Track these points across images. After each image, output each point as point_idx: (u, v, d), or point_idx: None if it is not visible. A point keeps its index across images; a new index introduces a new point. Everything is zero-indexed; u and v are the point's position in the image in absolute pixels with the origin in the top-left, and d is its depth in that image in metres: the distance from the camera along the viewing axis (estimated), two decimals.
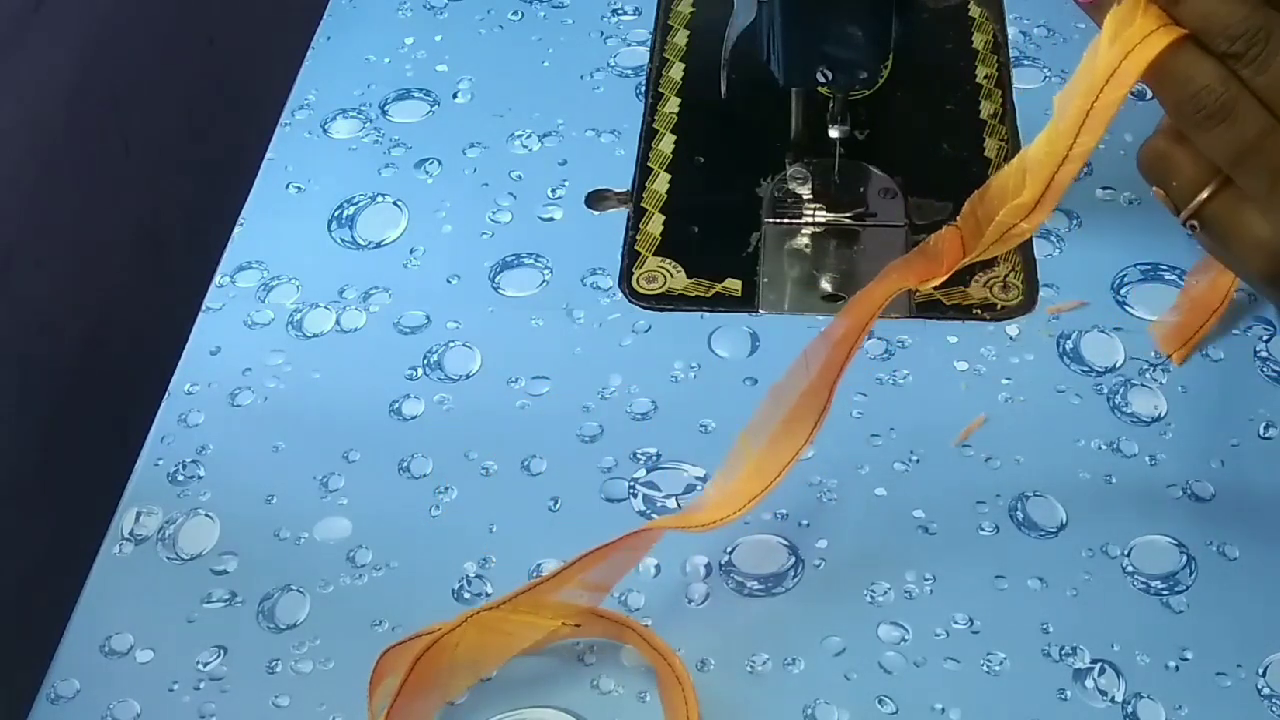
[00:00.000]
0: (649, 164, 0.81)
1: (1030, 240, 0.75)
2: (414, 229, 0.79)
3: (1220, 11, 0.44)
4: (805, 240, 0.77)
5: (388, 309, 0.75)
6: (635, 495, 0.66)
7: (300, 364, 0.73)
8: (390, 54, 0.90)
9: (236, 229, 0.80)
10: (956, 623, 0.61)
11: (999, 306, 0.73)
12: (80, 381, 0.88)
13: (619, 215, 0.79)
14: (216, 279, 0.77)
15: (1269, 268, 0.46)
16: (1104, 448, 0.66)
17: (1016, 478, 0.65)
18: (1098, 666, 0.59)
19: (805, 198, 0.79)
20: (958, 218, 0.52)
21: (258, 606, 0.63)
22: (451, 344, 0.73)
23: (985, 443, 0.67)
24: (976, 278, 0.74)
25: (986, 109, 0.83)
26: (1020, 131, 0.81)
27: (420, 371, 0.72)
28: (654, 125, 0.84)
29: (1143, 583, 0.62)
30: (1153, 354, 0.70)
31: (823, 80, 0.71)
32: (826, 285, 0.75)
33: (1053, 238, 0.75)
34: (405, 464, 0.68)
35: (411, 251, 0.78)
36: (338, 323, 0.74)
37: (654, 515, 0.65)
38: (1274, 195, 0.45)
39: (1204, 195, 0.47)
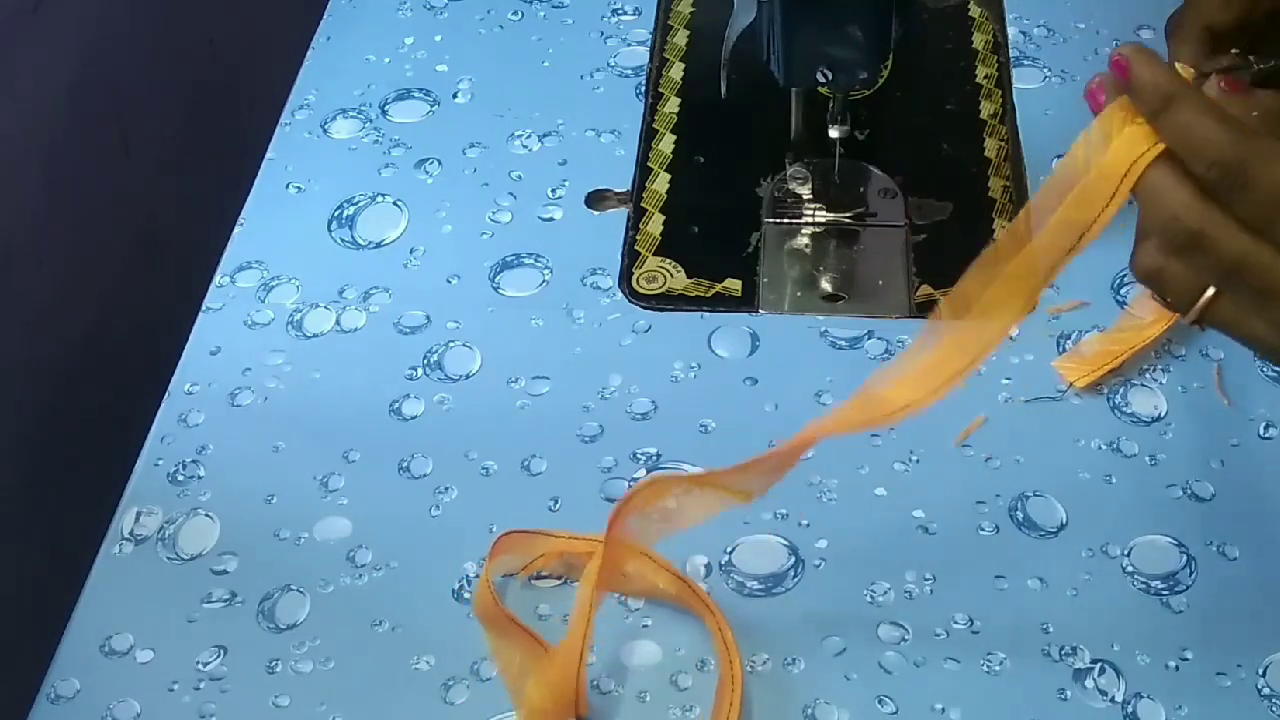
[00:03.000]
0: (649, 164, 0.81)
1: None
2: (414, 229, 0.79)
3: (1199, 134, 0.44)
4: (805, 240, 0.77)
5: (388, 309, 0.75)
6: None
7: (300, 364, 0.73)
8: (390, 54, 0.90)
9: (236, 229, 0.80)
10: (956, 623, 0.61)
11: None
12: (80, 381, 0.88)
13: (619, 215, 0.79)
14: (216, 279, 0.77)
15: (1278, 360, 0.47)
16: (1104, 448, 0.66)
17: (1016, 478, 0.66)
18: (1098, 666, 0.59)
19: (805, 198, 0.79)
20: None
21: (258, 606, 0.63)
22: (451, 344, 0.73)
23: (985, 443, 0.67)
24: None
25: (986, 109, 0.83)
26: (1020, 132, 0.81)
27: (420, 371, 0.72)
28: (654, 125, 0.84)
29: (1143, 583, 0.62)
30: (1153, 353, 0.70)
31: (823, 80, 0.71)
32: (826, 285, 0.75)
33: None
34: (405, 464, 0.68)
35: (411, 251, 0.78)
36: (338, 323, 0.74)
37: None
38: (1267, 308, 0.45)
39: (1203, 302, 0.46)
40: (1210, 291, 0.46)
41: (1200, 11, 0.53)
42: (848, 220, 0.78)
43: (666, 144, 0.83)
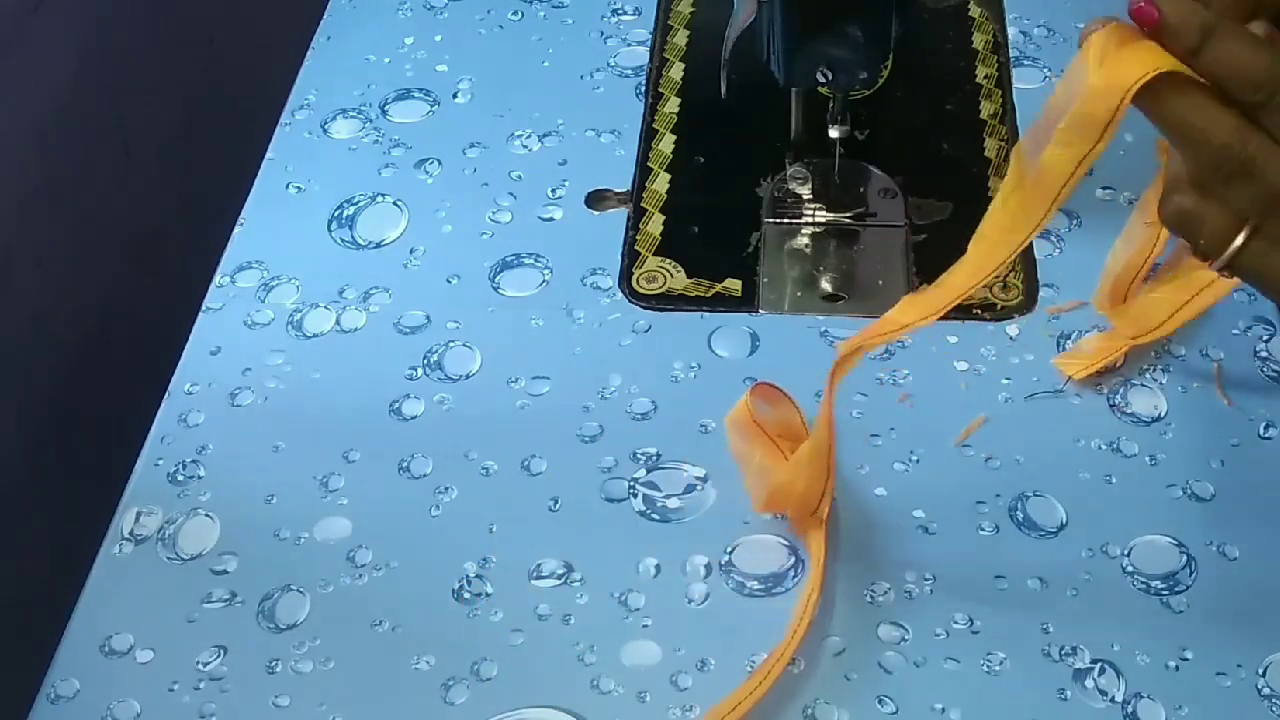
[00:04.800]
0: (649, 164, 0.81)
1: (1030, 240, 0.75)
2: (414, 229, 0.79)
3: (1243, 62, 0.44)
4: (805, 240, 0.77)
5: (388, 309, 0.75)
6: (635, 495, 0.66)
7: (300, 364, 0.73)
8: (390, 54, 0.90)
9: (236, 229, 0.80)
10: (956, 623, 0.61)
11: (999, 306, 0.73)
12: (80, 381, 0.88)
13: (619, 215, 0.79)
14: (216, 279, 0.77)
15: None
16: (1104, 448, 0.66)
17: (1016, 478, 0.66)
18: (1098, 666, 0.59)
19: (805, 198, 0.79)
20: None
21: (258, 606, 0.63)
22: (451, 344, 0.73)
23: (985, 443, 0.67)
24: None
25: (986, 109, 0.83)
26: (1020, 132, 0.81)
27: (420, 371, 0.72)
28: (654, 125, 0.84)
29: (1143, 583, 0.62)
30: (1153, 353, 0.70)
31: (823, 80, 0.71)
32: (826, 285, 0.75)
33: (1053, 238, 0.75)
34: (405, 464, 0.68)
35: (411, 251, 0.78)
36: (338, 323, 0.74)
37: (654, 515, 0.65)
38: None
39: (1235, 245, 0.46)
40: (1243, 236, 0.46)
41: None
42: (848, 220, 0.78)
43: (666, 144, 0.83)
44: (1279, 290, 0.47)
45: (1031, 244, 0.74)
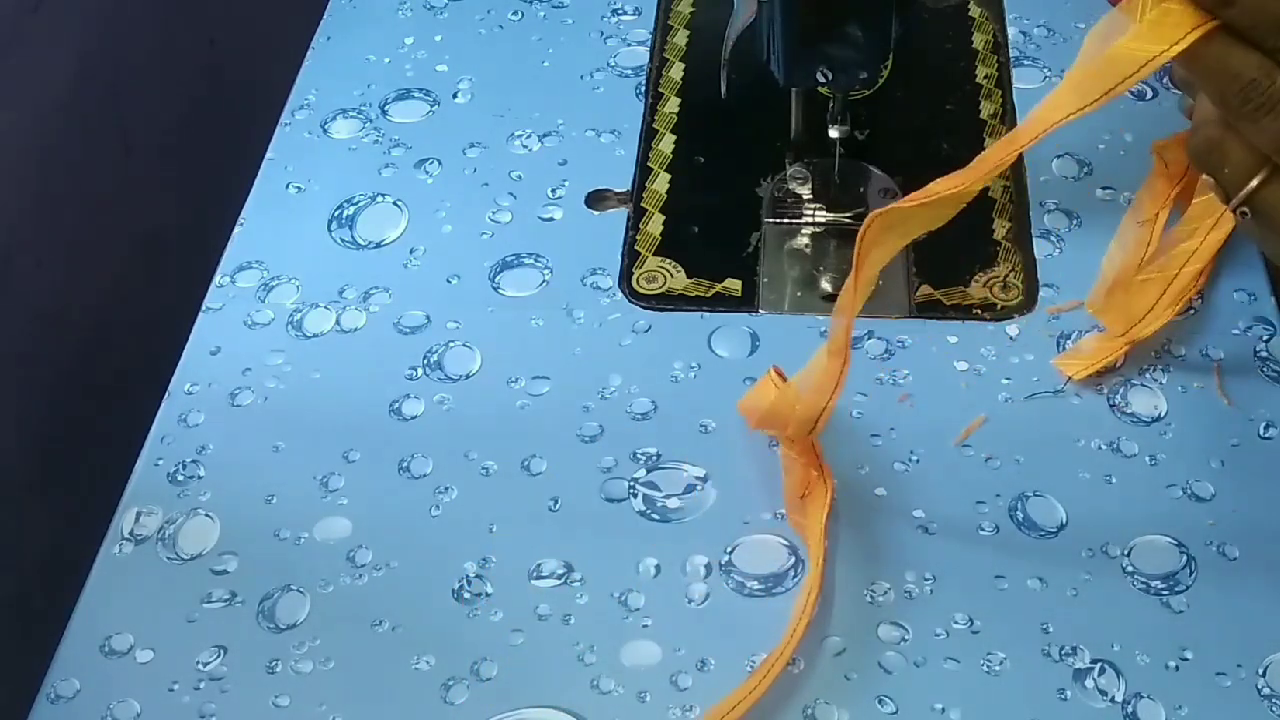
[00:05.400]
0: (649, 164, 0.81)
1: (1030, 240, 0.75)
2: (414, 229, 0.79)
3: (1272, 8, 0.45)
4: (805, 240, 0.77)
5: (388, 309, 0.75)
6: (635, 495, 0.66)
7: (300, 364, 0.73)
8: (390, 54, 0.90)
9: (236, 229, 0.80)
10: (956, 623, 0.61)
11: (999, 306, 0.73)
12: (80, 381, 0.88)
13: (619, 215, 0.79)
14: (216, 279, 0.77)
15: None
16: (1104, 448, 0.66)
17: (1016, 478, 0.66)
18: (1098, 666, 0.59)
19: (805, 198, 0.79)
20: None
21: (258, 606, 0.63)
22: (451, 344, 0.73)
23: (985, 443, 0.67)
24: (976, 278, 0.74)
25: (986, 109, 0.83)
26: None
27: (420, 371, 0.72)
28: (654, 125, 0.84)
29: (1143, 583, 0.62)
30: (1153, 353, 0.70)
31: (823, 80, 0.71)
32: (826, 285, 0.75)
33: (1052, 238, 0.75)
34: (405, 464, 0.68)
35: (411, 251, 0.78)
36: (338, 323, 0.74)
37: (654, 515, 0.65)
38: None
39: (1255, 183, 0.48)
40: (1264, 173, 0.47)
41: None
42: (848, 220, 0.78)
43: (666, 144, 0.83)
44: None
45: (1032, 244, 0.75)
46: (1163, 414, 0.68)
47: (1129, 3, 0.47)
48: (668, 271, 0.76)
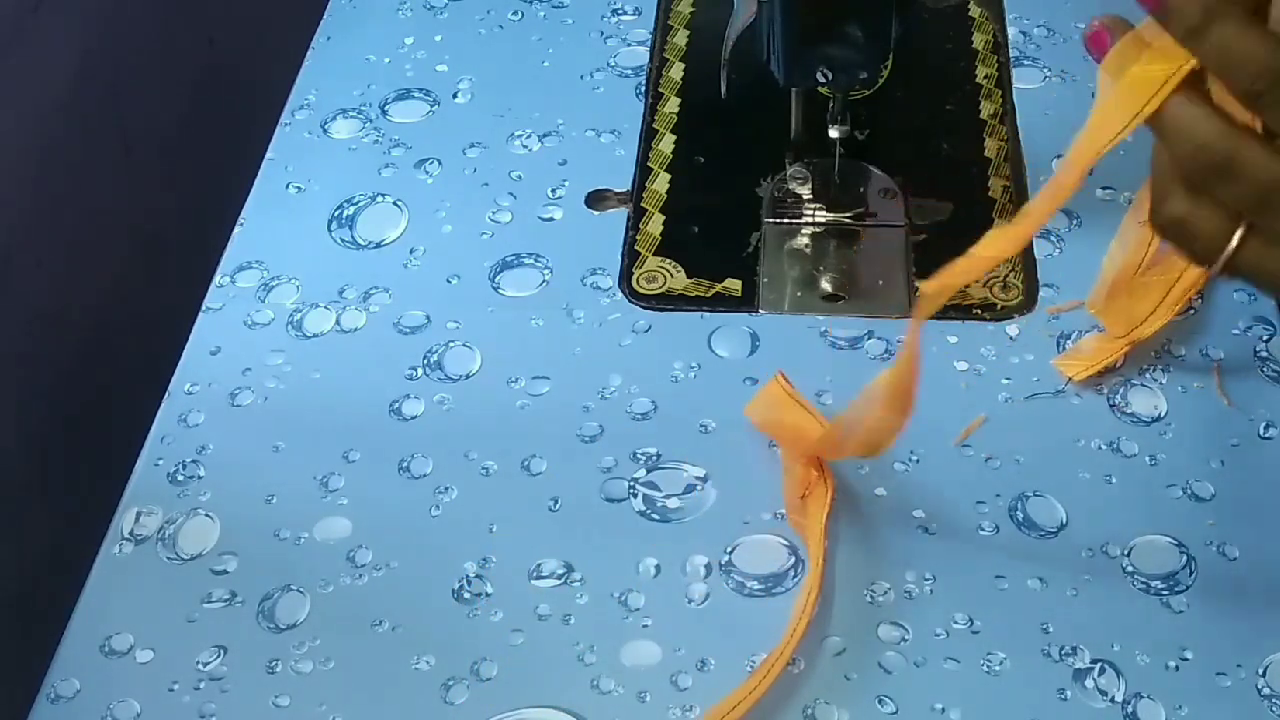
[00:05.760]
0: (649, 164, 0.81)
1: (1030, 240, 0.75)
2: (414, 229, 0.79)
3: (1244, 48, 0.43)
4: (805, 240, 0.77)
5: (388, 309, 0.75)
6: (635, 495, 0.66)
7: (300, 364, 0.73)
8: (390, 54, 0.90)
9: (236, 229, 0.80)
10: (956, 623, 0.61)
11: (999, 306, 0.73)
12: (80, 381, 0.88)
13: (619, 215, 0.79)
14: (216, 279, 0.77)
15: None
16: (1104, 448, 0.66)
17: (1016, 478, 0.66)
18: (1098, 666, 0.59)
19: (805, 198, 0.79)
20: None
21: (258, 606, 0.63)
22: (451, 344, 0.73)
23: (985, 443, 0.67)
24: (976, 278, 0.74)
25: (986, 109, 0.83)
26: (1020, 131, 0.81)
27: (420, 371, 0.72)
28: (654, 125, 0.84)
29: (1143, 583, 0.62)
30: (1153, 353, 0.70)
31: (823, 80, 0.71)
32: (826, 285, 0.75)
33: (1053, 238, 0.75)
34: (405, 464, 0.68)
35: (411, 251, 0.78)
36: (338, 323, 0.74)
37: (654, 515, 0.65)
38: None
39: (1231, 246, 0.46)
40: (1238, 236, 0.45)
41: None
42: (848, 220, 0.78)
43: (666, 144, 0.83)
44: (1278, 290, 0.47)
45: (1032, 244, 0.75)
46: (1163, 414, 0.68)
47: (1113, 57, 0.46)
48: (668, 271, 0.76)
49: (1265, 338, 0.70)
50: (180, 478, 0.68)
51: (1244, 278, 0.47)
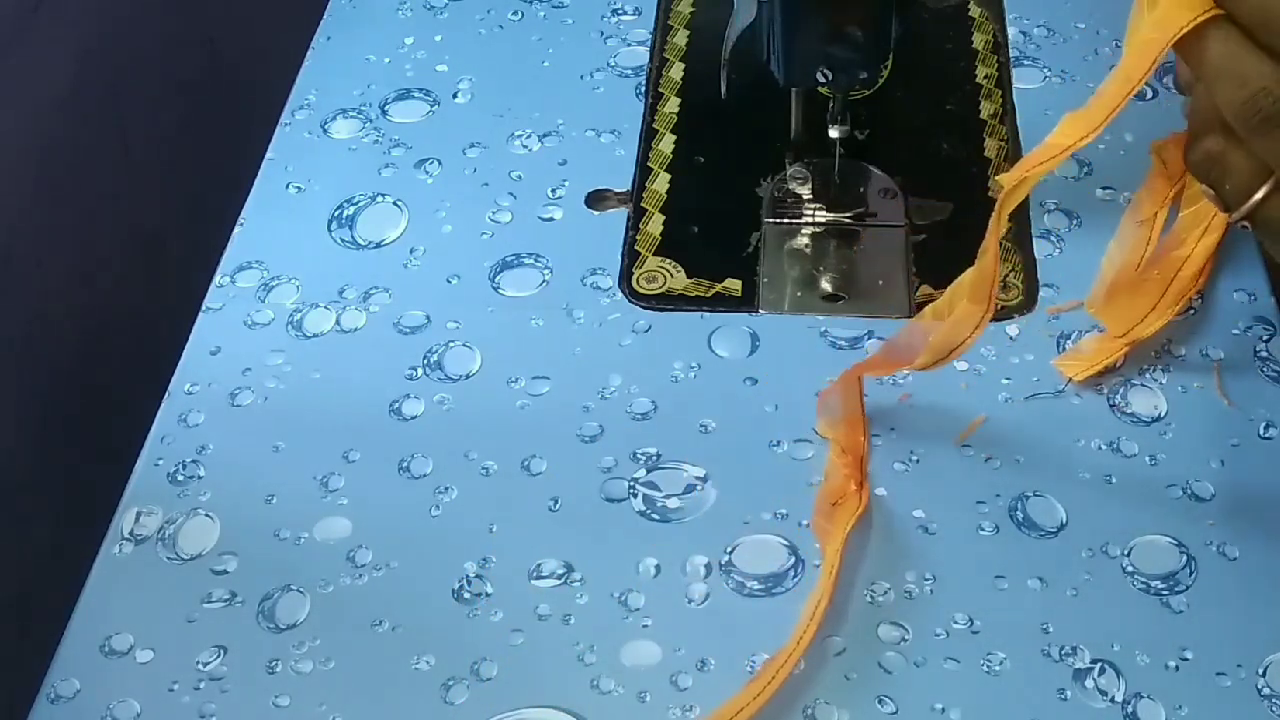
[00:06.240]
0: (649, 164, 0.81)
1: (1030, 240, 0.75)
2: (414, 229, 0.79)
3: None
4: (805, 240, 0.77)
5: (388, 309, 0.75)
6: (635, 495, 0.66)
7: (300, 364, 0.73)
8: (390, 54, 0.90)
9: (236, 229, 0.80)
10: (956, 623, 0.61)
11: (999, 306, 0.73)
12: (80, 381, 0.88)
13: (619, 215, 0.79)
14: (216, 279, 0.77)
15: None
16: (1104, 448, 0.66)
17: (1016, 478, 0.66)
18: (1098, 666, 0.59)
19: (805, 198, 0.79)
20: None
21: (258, 606, 0.63)
22: (451, 344, 0.73)
23: (985, 443, 0.67)
24: None
25: (986, 109, 0.83)
26: (1020, 132, 0.81)
27: (420, 371, 0.72)
28: (654, 125, 0.84)
29: (1143, 583, 0.62)
30: (1153, 353, 0.70)
31: (823, 80, 0.71)
32: (826, 285, 0.75)
33: (1053, 238, 0.75)
34: (405, 464, 0.68)
35: (411, 251, 0.78)
36: (338, 323, 0.74)
37: (654, 515, 0.65)
38: None
39: (1258, 197, 0.46)
40: (1266, 188, 0.45)
41: None
42: (848, 220, 0.78)
43: (666, 144, 0.83)
44: None
45: (1032, 244, 0.75)
46: (1163, 414, 0.68)
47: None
48: (668, 271, 0.76)
49: (1265, 338, 0.70)
50: (180, 478, 0.68)
51: (1260, 230, 0.47)
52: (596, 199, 0.80)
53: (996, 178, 0.52)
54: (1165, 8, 0.45)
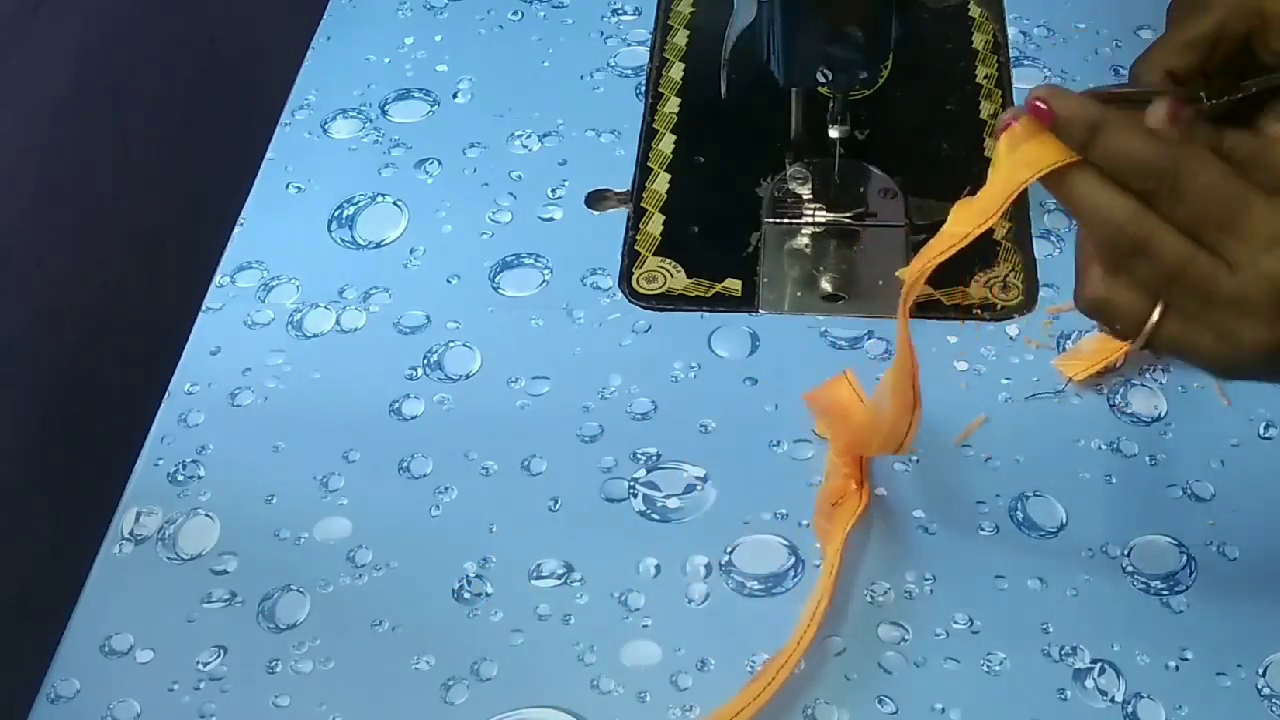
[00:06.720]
0: (649, 164, 0.81)
1: (1030, 240, 0.75)
2: (414, 229, 0.79)
3: (1131, 153, 0.46)
4: (805, 240, 0.77)
5: (388, 309, 0.75)
6: (635, 495, 0.66)
7: (300, 364, 0.73)
8: (390, 54, 0.90)
9: (236, 229, 0.80)
10: (956, 623, 0.61)
11: (999, 306, 0.73)
12: (80, 382, 0.88)
13: (619, 215, 0.79)
14: (216, 279, 0.77)
15: (1225, 374, 0.49)
16: (1104, 448, 0.66)
17: (1016, 478, 0.66)
18: (1098, 666, 0.59)
19: (805, 198, 0.79)
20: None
21: (258, 606, 0.63)
22: (451, 344, 0.73)
23: (985, 443, 0.67)
24: (977, 278, 0.74)
25: (986, 109, 0.83)
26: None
27: (420, 371, 0.72)
28: (654, 125, 0.84)
29: (1143, 583, 0.62)
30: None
31: (823, 80, 0.71)
32: (826, 285, 0.75)
33: (1052, 238, 0.75)
34: (405, 464, 0.68)
35: (411, 251, 0.78)
36: (338, 323, 0.74)
37: (654, 515, 0.65)
38: (1208, 313, 0.47)
39: (1149, 325, 0.48)
40: (1157, 313, 0.48)
41: (1162, 56, 0.56)
42: (848, 220, 0.78)
43: (666, 144, 0.83)
44: (1201, 363, 0.49)
45: (1032, 244, 0.75)
46: (1163, 414, 0.68)
47: (999, 140, 0.49)
48: (668, 271, 0.76)
49: None
50: (180, 478, 0.68)
51: (1165, 353, 0.50)
52: (596, 199, 0.80)
53: (898, 273, 0.54)
54: (1028, 150, 0.48)
